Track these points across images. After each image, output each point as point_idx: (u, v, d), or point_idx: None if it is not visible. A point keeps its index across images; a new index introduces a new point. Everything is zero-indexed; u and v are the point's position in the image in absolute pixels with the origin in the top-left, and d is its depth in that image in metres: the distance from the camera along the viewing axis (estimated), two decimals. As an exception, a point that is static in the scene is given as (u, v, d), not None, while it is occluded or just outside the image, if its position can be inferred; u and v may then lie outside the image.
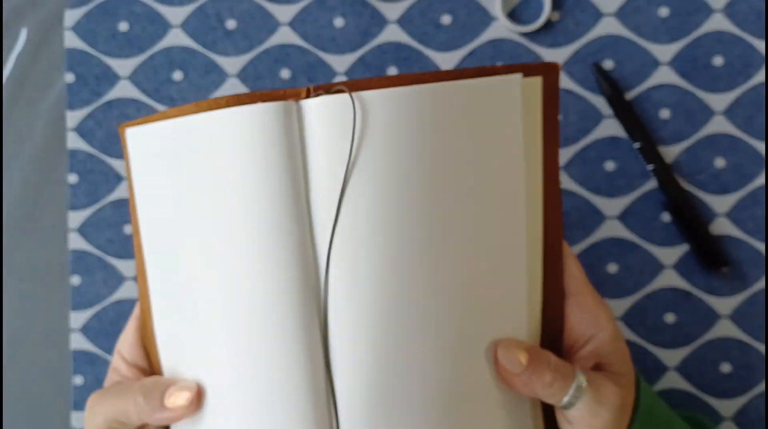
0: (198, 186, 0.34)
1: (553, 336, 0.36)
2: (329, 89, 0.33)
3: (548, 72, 0.36)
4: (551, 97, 0.36)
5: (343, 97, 0.33)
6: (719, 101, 0.52)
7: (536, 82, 0.36)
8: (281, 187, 0.32)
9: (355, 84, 0.33)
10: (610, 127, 0.52)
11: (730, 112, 0.52)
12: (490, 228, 0.34)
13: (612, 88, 0.51)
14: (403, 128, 0.33)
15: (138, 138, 0.37)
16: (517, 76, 0.35)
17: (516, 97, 0.35)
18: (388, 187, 0.33)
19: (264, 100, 0.33)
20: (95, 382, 0.52)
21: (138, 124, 0.37)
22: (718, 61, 0.52)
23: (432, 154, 0.33)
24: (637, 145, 0.51)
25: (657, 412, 0.36)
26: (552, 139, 0.36)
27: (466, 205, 0.34)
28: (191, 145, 0.34)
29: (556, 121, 0.36)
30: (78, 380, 0.52)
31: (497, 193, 0.34)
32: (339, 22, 0.53)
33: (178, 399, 0.35)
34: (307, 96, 0.33)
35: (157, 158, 0.36)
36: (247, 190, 0.33)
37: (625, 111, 0.51)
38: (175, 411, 0.36)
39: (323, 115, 0.33)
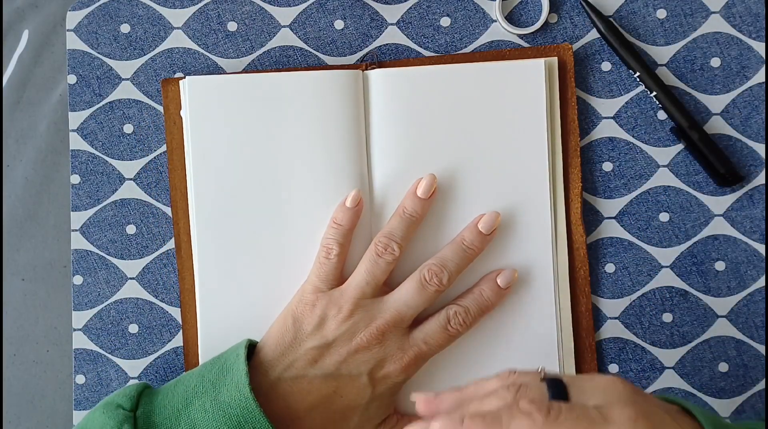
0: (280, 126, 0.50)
1: None
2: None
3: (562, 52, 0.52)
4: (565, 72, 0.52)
5: (397, 70, 0.51)
6: (716, 102, 0.52)
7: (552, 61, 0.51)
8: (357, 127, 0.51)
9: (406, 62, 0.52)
10: (608, 128, 0.52)
11: (727, 114, 0.52)
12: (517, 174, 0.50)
13: (603, 21, 0.51)
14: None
15: (201, 87, 0.50)
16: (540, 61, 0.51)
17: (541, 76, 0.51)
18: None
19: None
20: (97, 381, 0.53)
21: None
22: (715, 62, 0.52)
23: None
24: (636, 74, 0.51)
25: None
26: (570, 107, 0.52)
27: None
28: (271, 97, 0.50)
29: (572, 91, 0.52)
30: (79, 379, 0.53)
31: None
32: (339, 24, 0.53)
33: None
34: (366, 69, 0.52)
35: (231, 108, 0.50)
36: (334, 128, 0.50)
37: (619, 42, 0.51)
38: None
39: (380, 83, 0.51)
